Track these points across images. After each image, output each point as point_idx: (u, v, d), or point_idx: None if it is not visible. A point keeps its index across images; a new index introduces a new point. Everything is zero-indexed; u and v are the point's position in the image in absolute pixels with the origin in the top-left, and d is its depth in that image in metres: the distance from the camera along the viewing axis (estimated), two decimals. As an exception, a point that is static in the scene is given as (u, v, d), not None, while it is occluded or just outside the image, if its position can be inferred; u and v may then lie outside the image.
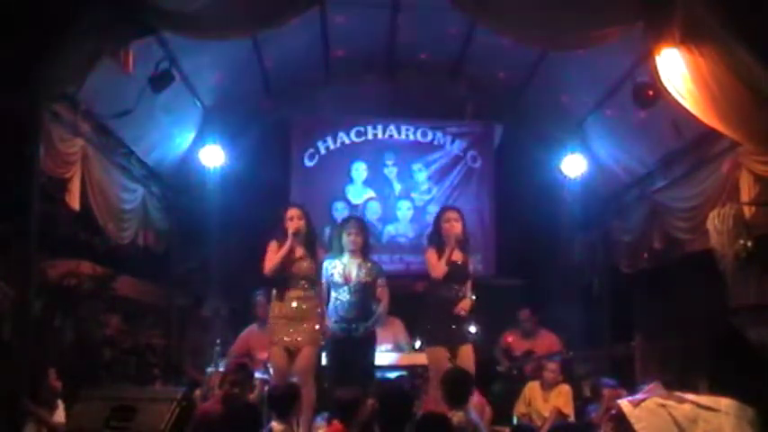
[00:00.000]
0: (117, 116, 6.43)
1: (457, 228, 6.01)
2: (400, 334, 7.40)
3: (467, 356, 5.85)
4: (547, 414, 6.73)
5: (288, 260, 5.79)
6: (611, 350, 8.32)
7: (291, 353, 5.71)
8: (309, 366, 5.70)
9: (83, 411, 4.72)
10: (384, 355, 6.84)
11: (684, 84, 5.04)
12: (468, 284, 6.13)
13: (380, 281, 6.28)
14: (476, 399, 5.50)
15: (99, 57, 5.26)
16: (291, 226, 5.81)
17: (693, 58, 4.87)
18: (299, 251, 5.85)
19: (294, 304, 5.77)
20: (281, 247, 5.79)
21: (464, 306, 5.94)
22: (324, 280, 6.01)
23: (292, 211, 5.92)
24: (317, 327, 5.81)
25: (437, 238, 6.07)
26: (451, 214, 6.14)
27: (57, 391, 5.54)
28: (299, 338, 5.71)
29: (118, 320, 7.14)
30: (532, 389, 7.00)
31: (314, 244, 5.98)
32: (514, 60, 8.02)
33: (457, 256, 6.00)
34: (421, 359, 6.51)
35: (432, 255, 6.01)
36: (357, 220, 6.51)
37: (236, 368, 5.90)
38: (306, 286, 5.82)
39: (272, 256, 5.79)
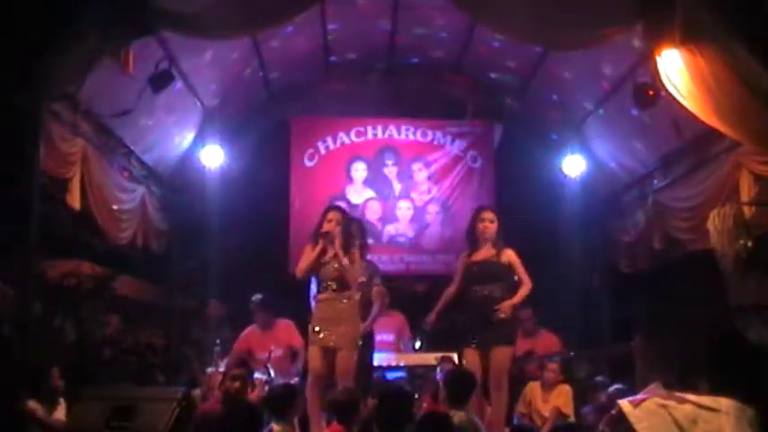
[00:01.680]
0: (117, 116, 6.43)
1: (491, 228, 5.84)
2: (403, 327, 7.39)
3: (500, 359, 5.68)
4: (547, 414, 6.73)
5: (318, 263, 5.72)
6: (611, 350, 8.30)
7: (329, 353, 5.65)
8: (348, 369, 5.60)
9: (83, 411, 4.72)
10: (384, 356, 6.84)
11: (684, 84, 5.04)
12: (509, 283, 5.83)
13: (376, 280, 6.24)
14: (475, 399, 5.49)
15: (99, 57, 5.26)
16: (324, 228, 5.74)
17: (693, 58, 4.87)
18: (330, 253, 5.72)
19: (326, 306, 5.68)
20: (314, 249, 5.74)
21: (504, 309, 5.65)
22: None
23: (331, 214, 5.84)
24: (355, 329, 5.71)
25: (471, 238, 5.93)
26: (487, 214, 5.94)
27: (59, 390, 5.54)
28: (334, 340, 5.62)
29: (118, 320, 7.14)
30: (532, 389, 6.98)
31: (350, 246, 5.80)
32: (514, 60, 8.03)
33: (488, 253, 5.84)
34: (421, 359, 6.50)
35: (460, 261, 5.89)
36: (359, 224, 6.50)
37: (236, 363, 5.91)
38: (335, 288, 5.68)
39: (304, 259, 5.74)
